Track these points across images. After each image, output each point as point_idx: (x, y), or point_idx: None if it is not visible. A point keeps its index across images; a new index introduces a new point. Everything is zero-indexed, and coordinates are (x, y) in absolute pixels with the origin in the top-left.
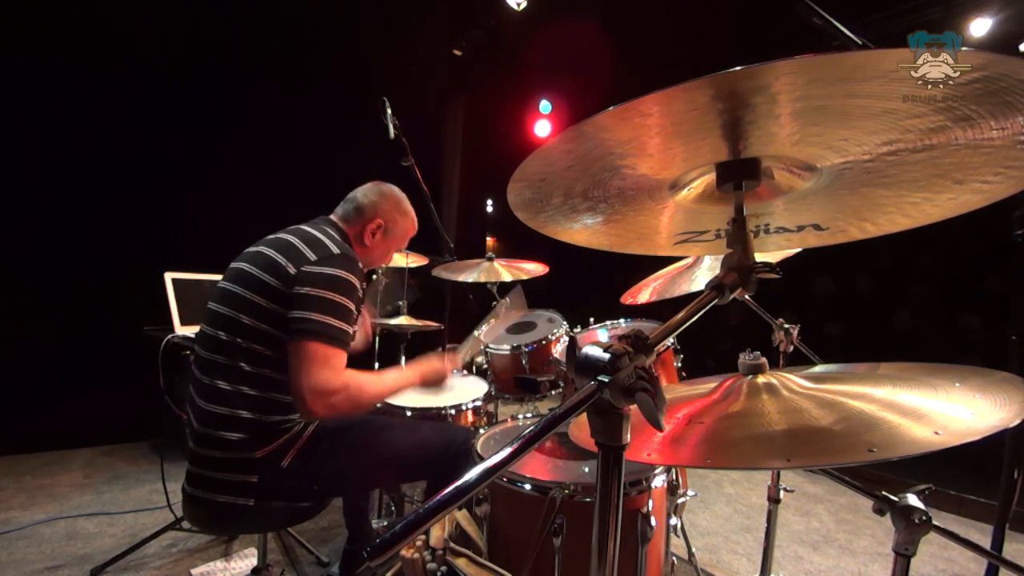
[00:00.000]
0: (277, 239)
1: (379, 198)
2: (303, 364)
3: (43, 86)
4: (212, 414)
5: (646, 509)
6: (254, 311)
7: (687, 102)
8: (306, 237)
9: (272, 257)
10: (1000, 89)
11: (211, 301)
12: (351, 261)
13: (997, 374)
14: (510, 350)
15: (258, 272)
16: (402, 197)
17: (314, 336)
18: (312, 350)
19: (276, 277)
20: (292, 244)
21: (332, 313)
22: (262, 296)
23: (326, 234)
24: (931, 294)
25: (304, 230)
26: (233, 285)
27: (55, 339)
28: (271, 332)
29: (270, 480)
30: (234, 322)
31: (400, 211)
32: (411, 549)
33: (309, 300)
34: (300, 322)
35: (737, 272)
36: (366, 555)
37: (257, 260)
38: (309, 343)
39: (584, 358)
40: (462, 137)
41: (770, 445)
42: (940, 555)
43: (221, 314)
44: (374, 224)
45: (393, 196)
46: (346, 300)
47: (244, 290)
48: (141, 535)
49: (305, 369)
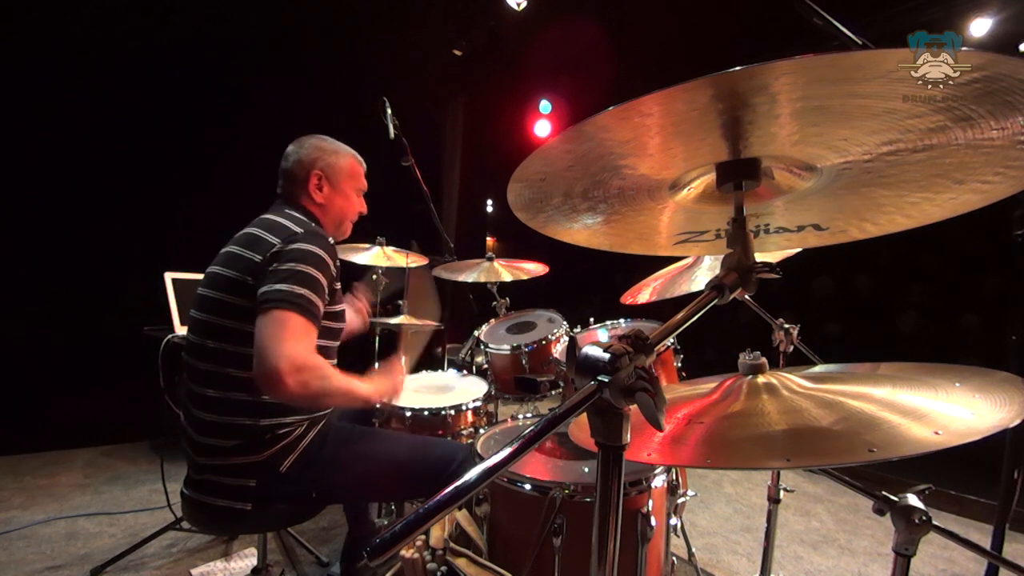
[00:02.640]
0: (242, 235)
1: (301, 153)
2: (277, 332)
3: (43, 86)
4: (206, 423)
5: (646, 509)
6: (234, 313)
7: (687, 102)
8: (267, 224)
9: (239, 253)
10: (1000, 89)
11: (192, 308)
12: (315, 235)
13: (997, 374)
14: (510, 350)
15: (229, 272)
16: (324, 138)
17: (286, 305)
18: (285, 318)
19: (247, 272)
20: (256, 235)
21: (300, 283)
22: (237, 296)
23: (285, 215)
24: (931, 294)
25: (265, 219)
26: (209, 290)
27: (55, 339)
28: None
29: (268, 485)
30: (217, 327)
31: (328, 151)
32: (411, 549)
33: (275, 274)
34: (268, 294)
35: (737, 272)
36: (366, 555)
37: (226, 260)
38: (281, 311)
39: (584, 358)
40: (462, 137)
41: (770, 445)
42: (940, 555)
43: (202, 321)
44: (313, 179)
45: (313, 144)
46: (314, 271)
47: (221, 293)
48: (141, 535)
49: (279, 337)
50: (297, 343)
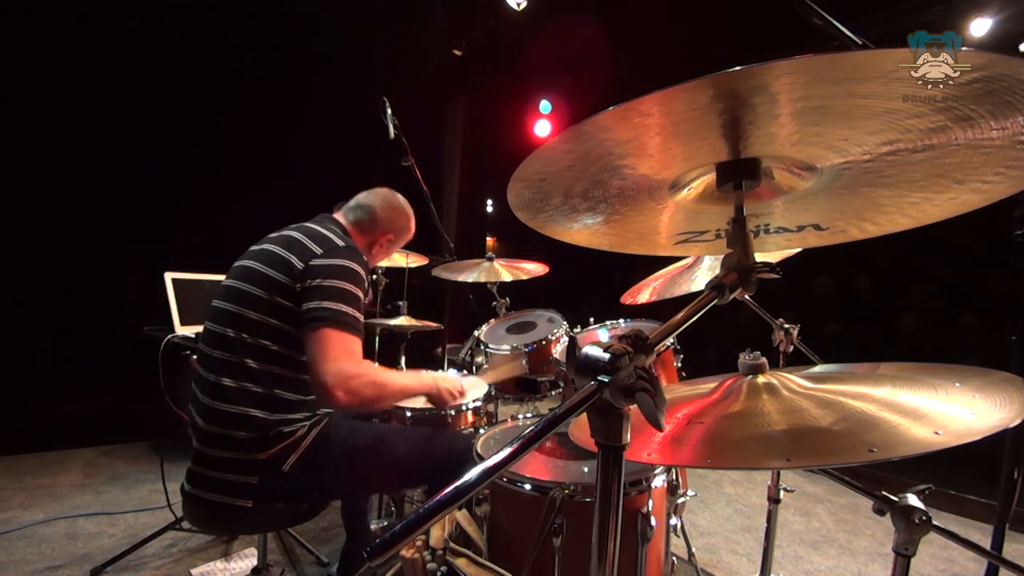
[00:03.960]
0: (283, 236)
1: (394, 213)
2: (321, 350)
3: (43, 86)
4: (218, 412)
5: (646, 509)
6: (261, 307)
7: (687, 102)
8: (312, 234)
9: (279, 254)
10: (1000, 89)
11: (216, 299)
12: (356, 252)
13: (997, 374)
14: (510, 350)
15: (265, 268)
16: (411, 211)
17: (329, 323)
18: (328, 336)
19: (284, 273)
20: (298, 240)
21: (343, 300)
22: (269, 292)
23: (331, 231)
24: (931, 294)
25: (309, 227)
26: (239, 282)
27: (55, 339)
28: (279, 327)
29: (270, 482)
30: (241, 318)
31: (409, 227)
32: (411, 549)
33: (320, 290)
34: (314, 311)
35: (737, 272)
36: (366, 555)
37: (264, 257)
38: (325, 330)
39: (584, 358)
40: (462, 137)
41: (770, 445)
42: (940, 555)
43: (227, 311)
44: (385, 238)
45: (406, 212)
46: (355, 288)
47: (251, 287)
48: (141, 535)
49: (323, 354)
50: (341, 356)
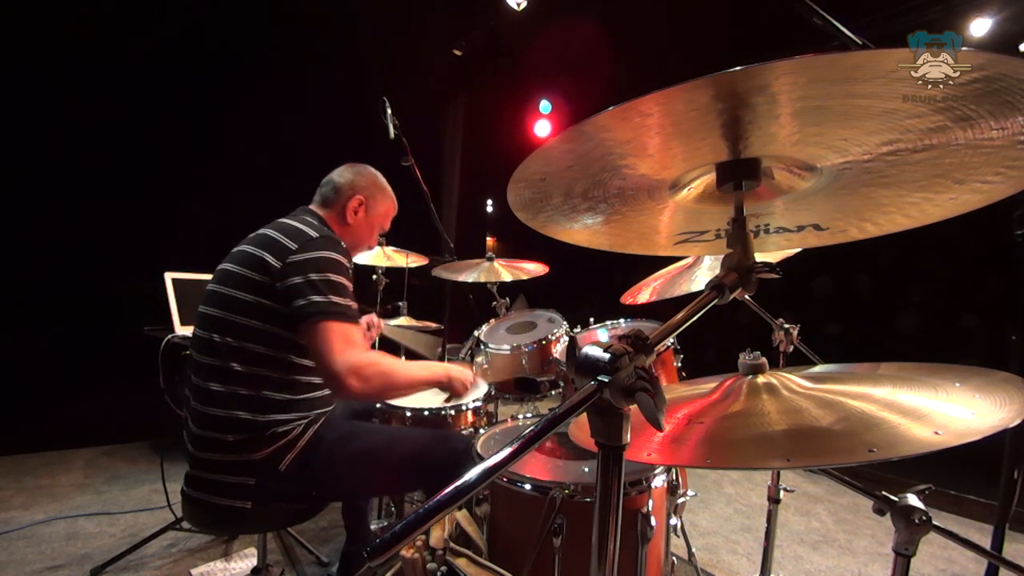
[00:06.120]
0: (258, 235)
1: (355, 176)
2: (325, 343)
3: (43, 86)
4: (208, 416)
5: (646, 509)
6: (244, 309)
7: (687, 102)
8: (285, 229)
9: (254, 254)
10: (1000, 89)
11: (201, 304)
12: (332, 241)
13: (997, 374)
14: (510, 350)
15: (242, 270)
16: (378, 174)
17: (326, 316)
18: (328, 328)
19: (261, 272)
20: (273, 238)
21: (332, 291)
22: (250, 293)
23: (304, 222)
24: (931, 294)
25: (282, 222)
26: (220, 286)
27: (55, 339)
28: (262, 328)
29: (268, 483)
30: (225, 322)
31: (378, 187)
32: (411, 549)
33: (304, 286)
34: (306, 307)
35: (737, 272)
36: (366, 555)
37: (241, 258)
38: (323, 323)
39: (584, 358)
40: (462, 137)
41: (770, 445)
42: (940, 555)
43: (211, 316)
44: (355, 201)
45: (369, 173)
46: (339, 277)
47: (231, 289)
48: (141, 535)
49: (328, 347)
50: (346, 347)
